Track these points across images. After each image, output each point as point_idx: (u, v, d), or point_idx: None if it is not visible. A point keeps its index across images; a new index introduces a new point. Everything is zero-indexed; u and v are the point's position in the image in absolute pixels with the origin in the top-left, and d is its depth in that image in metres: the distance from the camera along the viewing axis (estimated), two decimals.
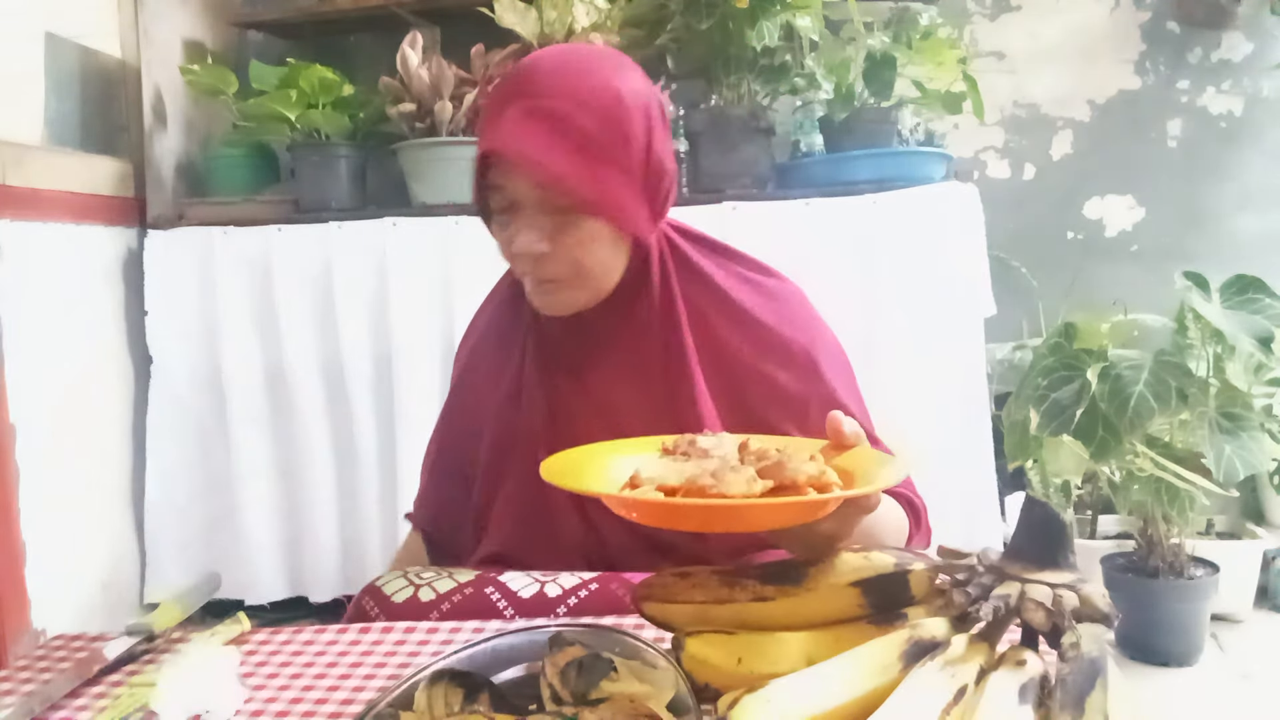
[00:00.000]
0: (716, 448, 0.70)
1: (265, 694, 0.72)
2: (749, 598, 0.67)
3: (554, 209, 0.89)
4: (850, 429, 0.74)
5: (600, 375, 0.99)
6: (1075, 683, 0.52)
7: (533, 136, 0.87)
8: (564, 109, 0.88)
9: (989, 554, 0.62)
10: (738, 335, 0.98)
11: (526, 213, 0.90)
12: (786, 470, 0.64)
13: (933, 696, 0.53)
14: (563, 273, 0.91)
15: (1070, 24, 2.48)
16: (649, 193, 0.93)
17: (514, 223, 0.91)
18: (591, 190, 0.88)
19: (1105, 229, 2.51)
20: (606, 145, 0.89)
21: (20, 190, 1.94)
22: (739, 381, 0.97)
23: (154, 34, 2.32)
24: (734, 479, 0.62)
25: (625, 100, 0.90)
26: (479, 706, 0.61)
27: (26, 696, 0.71)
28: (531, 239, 0.89)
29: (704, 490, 0.62)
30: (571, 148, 0.87)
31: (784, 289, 1.04)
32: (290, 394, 2.19)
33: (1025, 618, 0.57)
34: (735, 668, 0.62)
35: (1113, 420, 1.78)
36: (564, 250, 0.90)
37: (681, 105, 2.26)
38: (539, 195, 0.89)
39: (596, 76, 0.91)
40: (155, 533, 2.25)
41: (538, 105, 0.88)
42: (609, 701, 0.60)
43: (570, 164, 0.87)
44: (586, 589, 0.86)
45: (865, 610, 0.65)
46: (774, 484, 0.63)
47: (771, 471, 0.64)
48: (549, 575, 0.89)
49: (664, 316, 0.98)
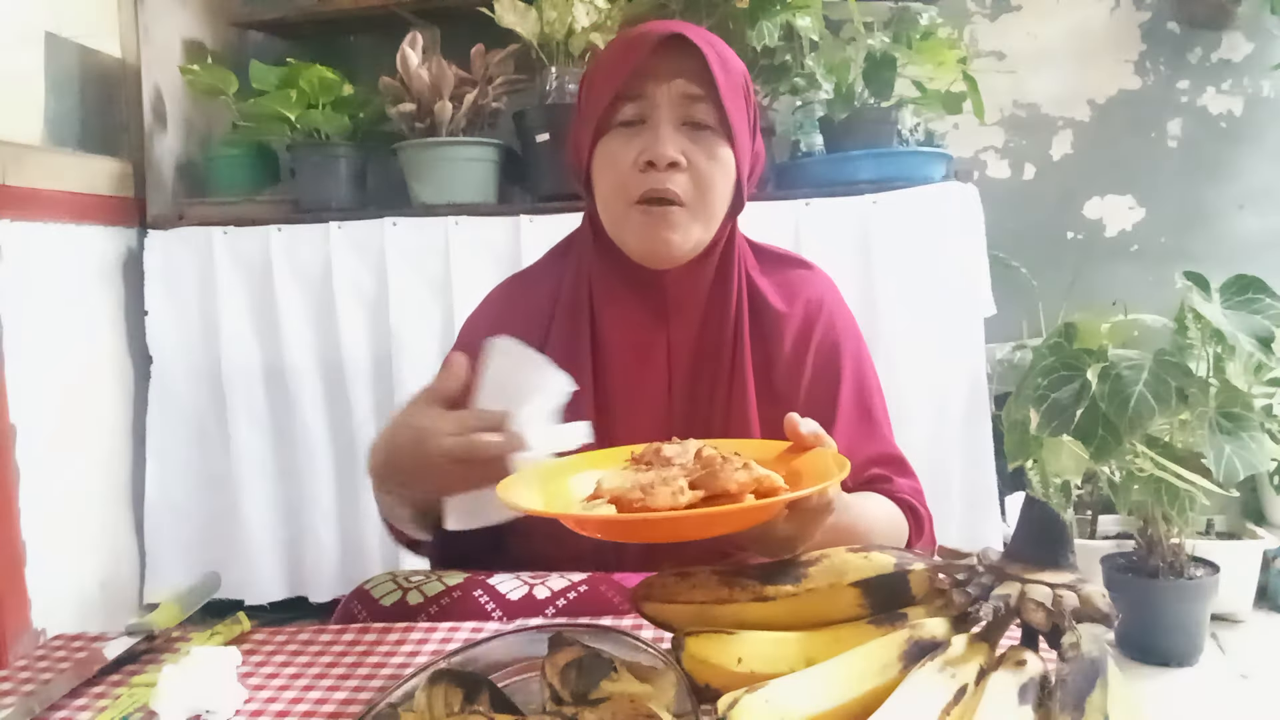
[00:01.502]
0: (680, 456, 0.71)
1: (265, 694, 0.72)
2: (749, 598, 0.67)
3: (695, 124, 0.92)
4: (808, 429, 0.74)
5: (671, 344, 0.99)
6: (1075, 683, 0.52)
7: (704, 42, 0.92)
8: (720, 47, 0.95)
9: (989, 554, 0.62)
10: (775, 330, 1.00)
11: (665, 124, 0.91)
12: (718, 479, 0.64)
13: (933, 697, 0.53)
14: (688, 192, 0.92)
15: (1070, 24, 2.48)
16: (752, 160, 0.98)
17: (646, 134, 0.91)
18: (734, 116, 0.92)
19: (1105, 229, 2.51)
20: (744, 94, 0.95)
21: (20, 190, 1.94)
22: (775, 371, 0.99)
23: (154, 34, 2.32)
24: (661, 492, 0.63)
25: (749, 77, 0.98)
26: (479, 707, 0.61)
27: (26, 696, 0.71)
28: (669, 146, 0.90)
29: (631, 504, 0.63)
30: (730, 76, 0.93)
31: (814, 279, 1.06)
32: (290, 394, 2.19)
33: (1025, 618, 0.57)
34: (735, 668, 0.62)
35: (1113, 420, 1.78)
36: (696, 166, 0.92)
37: None
38: (683, 108, 0.92)
39: (730, 50, 0.97)
40: (155, 533, 2.25)
41: (700, 33, 0.93)
42: (609, 702, 0.60)
43: (729, 85, 0.92)
44: (575, 590, 0.86)
45: (865, 610, 0.65)
46: (705, 493, 0.64)
47: (704, 481, 0.65)
48: (538, 578, 0.89)
49: (739, 295, 0.99)
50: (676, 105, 0.91)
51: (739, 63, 0.96)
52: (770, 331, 1.00)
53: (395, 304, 2.14)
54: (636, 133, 0.92)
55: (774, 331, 1.00)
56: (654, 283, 0.97)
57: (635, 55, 0.91)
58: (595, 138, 0.95)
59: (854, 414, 1.00)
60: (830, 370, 1.01)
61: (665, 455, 0.72)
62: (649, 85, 0.91)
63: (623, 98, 0.92)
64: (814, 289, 1.05)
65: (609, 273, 0.99)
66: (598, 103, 0.93)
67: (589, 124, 0.95)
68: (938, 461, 2.01)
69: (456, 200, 2.19)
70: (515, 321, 1.00)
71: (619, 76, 0.91)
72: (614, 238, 0.97)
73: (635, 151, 0.91)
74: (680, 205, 0.92)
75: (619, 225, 0.95)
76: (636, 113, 0.92)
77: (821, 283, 1.06)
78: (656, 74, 0.91)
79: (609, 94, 0.92)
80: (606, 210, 0.96)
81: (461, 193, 2.20)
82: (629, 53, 0.92)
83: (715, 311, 0.99)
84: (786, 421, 0.74)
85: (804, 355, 1.01)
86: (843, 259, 2.02)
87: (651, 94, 0.91)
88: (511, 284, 1.11)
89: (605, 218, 0.97)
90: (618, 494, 0.64)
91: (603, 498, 0.65)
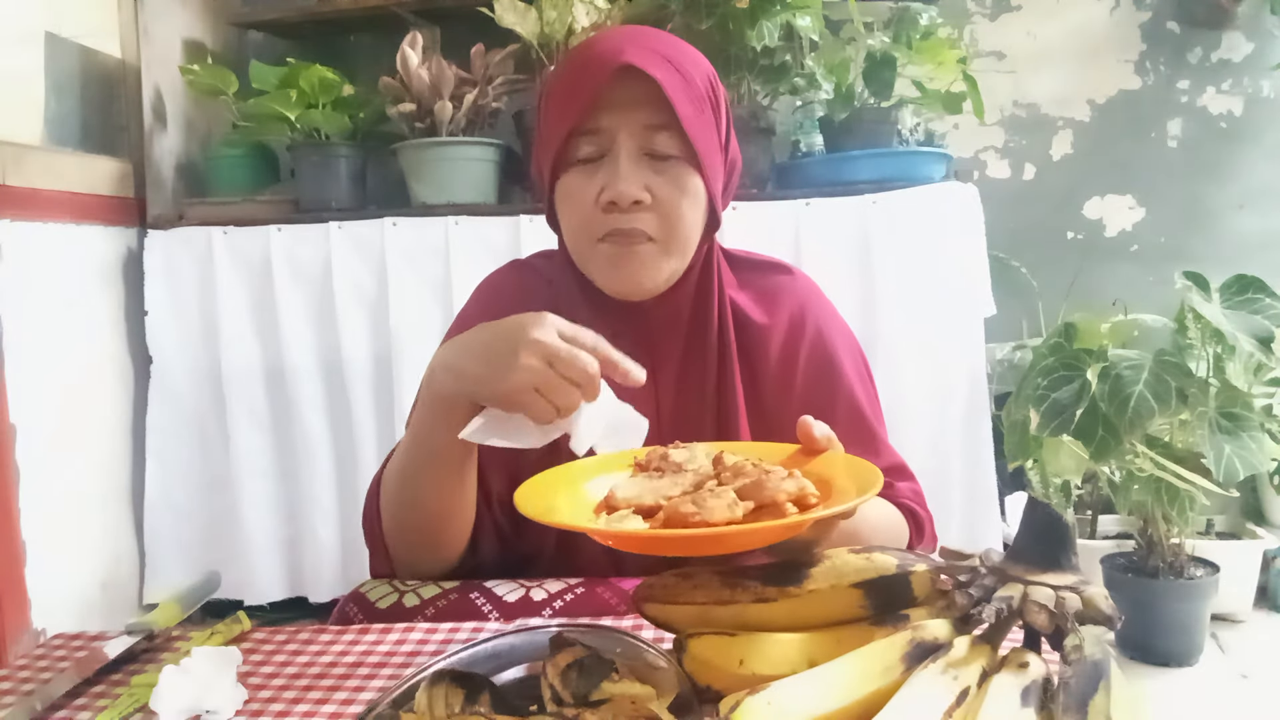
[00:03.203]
0: (690, 461, 0.70)
1: (265, 694, 0.71)
2: (751, 599, 0.67)
3: (657, 156, 0.86)
4: (821, 433, 0.73)
5: (655, 373, 0.95)
6: (1078, 685, 0.52)
7: (663, 70, 0.84)
8: (679, 60, 0.87)
9: (991, 555, 0.62)
10: (758, 343, 0.97)
11: (625, 159, 0.85)
12: (766, 490, 0.63)
13: (935, 699, 0.52)
14: (656, 228, 0.87)
15: (1070, 24, 2.48)
16: (726, 173, 0.93)
17: (607, 169, 0.86)
18: (700, 142, 0.86)
19: (1105, 229, 2.51)
20: (711, 107, 0.88)
21: (20, 190, 1.94)
22: (762, 387, 0.97)
23: (154, 34, 2.32)
24: (716, 505, 0.61)
25: (716, 77, 0.91)
26: (480, 707, 0.61)
27: (26, 696, 0.71)
28: (632, 184, 0.85)
29: (686, 519, 0.61)
30: (692, 95, 0.86)
31: (795, 286, 1.02)
32: (290, 394, 2.19)
33: (1028, 620, 0.57)
34: (737, 669, 0.62)
35: (1113, 420, 1.78)
36: (662, 201, 0.86)
37: None
38: (644, 140, 0.86)
39: (690, 48, 0.91)
40: (155, 532, 2.25)
41: (659, 52, 0.86)
42: (610, 703, 0.60)
43: (691, 108, 0.85)
44: (572, 593, 0.85)
45: (867, 612, 0.65)
46: (755, 504, 0.63)
47: (751, 492, 0.63)
48: (534, 580, 0.88)
49: (720, 316, 0.95)
50: (637, 137, 0.86)
51: (702, 69, 0.90)
52: (753, 345, 0.97)
53: (395, 304, 2.14)
54: (597, 168, 0.87)
55: (757, 345, 0.97)
56: (632, 311, 0.93)
57: (588, 88, 0.85)
58: (554, 174, 0.90)
59: (852, 430, 0.94)
60: (825, 384, 0.98)
61: (674, 461, 0.70)
62: (605, 118, 0.85)
63: (579, 132, 0.86)
64: (795, 297, 1.00)
65: (586, 302, 0.94)
66: (553, 137, 0.88)
67: (546, 157, 0.90)
68: (938, 461, 2.01)
69: (456, 200, 2.19)
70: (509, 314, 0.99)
71: (573, 111, 0.85)
72: (583, 271, 0.93)
73: (596, 189, 0.86)
74: (649, 241, 0.87)
75: (586, 262, 0.92)
76: (595, 148, 0.87)
77: (803, 288, 1.02)
78: (613, 104, 0.85)
79: (564, 129, 0.86)
80: (573, 246, 0.93)
81: (461, 193, 2.19)
82: (581, 85, 0.85)
83: (697, 336, 0.95)
84: (800, 425, 0.73)
85: (793, 368, 0.97)
86: (842, 259, 2.02)
87: (609, 127, 0.86)
88: (507, 275, 1.07)
89: (573, 252, 0.93)
90: (657, 505, 0.62)
91: (621, 509, 0.64)
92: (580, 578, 0.88)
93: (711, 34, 1.99)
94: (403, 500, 0.89)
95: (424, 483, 0.86)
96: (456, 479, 0.85)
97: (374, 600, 0.88)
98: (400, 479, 0.88)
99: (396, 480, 0.89)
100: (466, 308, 1.06)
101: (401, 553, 0.92)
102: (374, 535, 0.93)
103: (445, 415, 0.79)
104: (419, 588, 0.88)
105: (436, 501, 0.86)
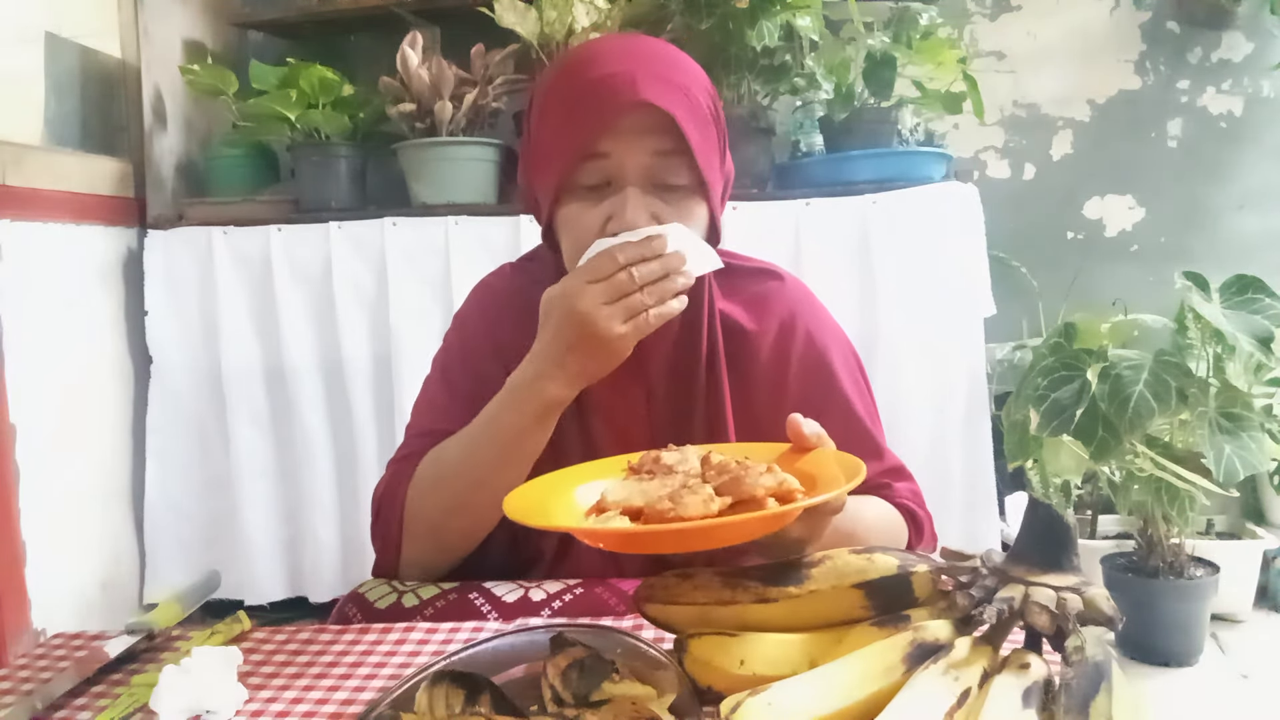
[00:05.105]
0: (681, 464, 0.70)
1: (265, 694, 0.71)
2: (751, 599, 0.67)
3: (664, 185, 0.85)
4: (810, 430, 0.73)
5: (646, 380, 0.95)
6: (1079, 687, 0.51)
7: (673, 98, 0.83)
8: (688, 85, 0.86)
9: (992, 556, 0.62)
10: (747, 351, 0.97)
11: (632, 189, 0.84)
12: (744, 485, 0.64)
13: (936, 700, 0.52)
14: None
15: (1070, 24, 2.48)
16: (724, 188, 0.92)
17: (613, 199, 0.85)
18: (708, 171, 0.86)
19: (1105, 229, 2.51)
20: (714, 126, 0.88)
21: (20, 190, 1.94)
22: (753, 395, 0.96)
23: (154, 34, 2.32)
24: (692, 501, 0.62)
25: (714, 90, 0.90)
26: (480, 708, 0.61)
27: (26, 695, 0.71)
28: (640, 216, 0.83)
29: (663, 515, 0.62)
30: (698, 120, 0.85)
31: (785, 291, 1.01)
32: (290, 394, 2.19)
33: (1029, 620, 0.57)
34: (738, 670, 0.62)
35: (1113, 420, 1.78)
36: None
37: None
38: (652, 168, 0.84)
39: (691, 63, 0.90)
40: (155, 532, 2.24)
41: (670, 80, 0.84)
42: (610, 703, 0.60)
43: (699, 135, 0.84)
44: (571, 593, 0.86)
45: (868, 612, 0.65)
46: (733, 500, 0.63)
47: (729, 488, 0.64)
48: (533, 581, 0.88)
49: (710, 326, 0.95)
50: (645, 165, 0.84)
51: (705, 87, 0.88)
52: (742, 353, 0.96)
53: (395, 304, 2.14)
54: (601, 196, 0.85)
55: (746, 353, 0.96)
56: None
57: (597, 117, 0.83)
58: (556, 198, 0.87)
59: (847, 433, 0.92)
60: (818, 388, 0.97)
61: (666, 463, 0.71)
62: (613, 144, 0.83)
63: (583, 157, 0.84)
64: (785, 302, 0.99)
65: None
66: (555, 160, 0.86)
67: (546, 180, 0.88)
68: (938, 461, 2.01)
69: (456, 200, 2.19)
70: (507, 320, 0.99)
71: (579, 138, 0.83)
72: None
73: (601, 218, 0.85)
74: None
75: None
76: (601, 175, 0.85)
77: (793, 293, 1.00)
78: (620, 131, 0.83)
79: (568, 156, 0.84)
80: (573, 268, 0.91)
81: (461, 193, 2.19)
82: (589, 112, 0.83)
83: (686, 347, 0.94)
84: (789, 422, 0.73)
85: (784, 374, 0.97)
86: (842, 259, 2.02)
87: (617, 154, 0.84)
88: (500, 278, 1.07)
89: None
90: (645, 506, 0.63)
91: (610, 510, 0.64)
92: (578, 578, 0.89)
93: (711, 34, 1.99)
94: (456, 489, 0.90)
95: (494, 475, 0.87)
96: (524, 470, 0.87)
97: (373, 600, 0.88)
98: (467, 466, 0.89)
99: (458, 465, 0.90)
100: (462, 310, 1.07)
101: (421, 541, 0.92)
102: (389, 524, 0.95)
103: (546, 418, 0.86)
104: (418, 588, 0.88)
105: (495, 492, 0.83)
